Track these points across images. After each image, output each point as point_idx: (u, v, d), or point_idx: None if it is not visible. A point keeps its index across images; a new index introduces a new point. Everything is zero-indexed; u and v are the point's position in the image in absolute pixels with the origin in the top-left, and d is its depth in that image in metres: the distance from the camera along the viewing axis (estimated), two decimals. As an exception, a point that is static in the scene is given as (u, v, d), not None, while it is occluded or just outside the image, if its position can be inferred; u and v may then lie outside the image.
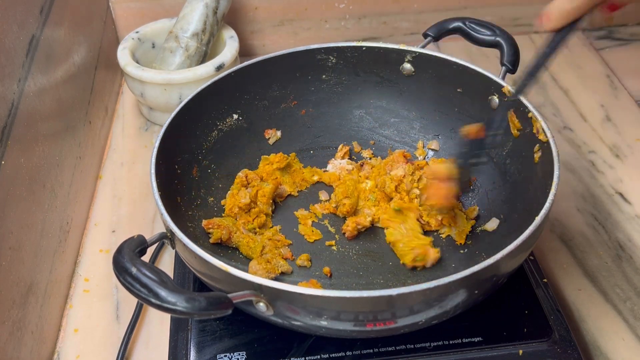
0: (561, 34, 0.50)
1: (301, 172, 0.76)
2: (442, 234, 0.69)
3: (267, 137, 0.78)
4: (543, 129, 0.62)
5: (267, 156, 0.75)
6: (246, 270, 0.62)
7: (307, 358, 0.58)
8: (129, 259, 0.48)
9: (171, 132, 0.66)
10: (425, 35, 0.75)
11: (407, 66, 0.75)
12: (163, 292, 0.46)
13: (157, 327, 0.67)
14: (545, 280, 0.65)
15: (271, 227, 0.70)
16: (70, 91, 0.78)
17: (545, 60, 0.54)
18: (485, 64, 0.98)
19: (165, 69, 0.90)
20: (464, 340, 0.59)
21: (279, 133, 0.78)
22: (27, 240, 0.62)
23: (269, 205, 0.71)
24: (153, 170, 0.60)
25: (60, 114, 0.74)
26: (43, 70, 0.70)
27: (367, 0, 1.04)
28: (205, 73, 0.86)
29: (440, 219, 0.68)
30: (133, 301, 0.68)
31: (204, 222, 0.67)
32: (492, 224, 0.68)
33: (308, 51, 0.76)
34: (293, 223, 0.71)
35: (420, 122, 0.78)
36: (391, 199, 0.71)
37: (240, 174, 0.73)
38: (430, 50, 0.73)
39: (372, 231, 0.70)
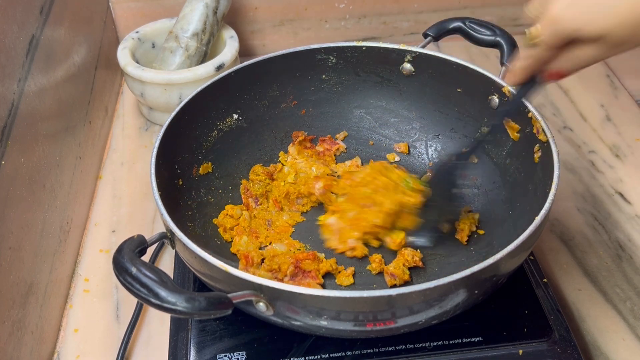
0: (525, 87, 0.57)
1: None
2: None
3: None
4: (543, 129, 0.62)
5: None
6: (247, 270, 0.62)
7: (307, 358, 0.58)
8: (129, 259, 0.48)
9: (171, 132, 0.66)
10: (425, 35, 0.75)
11: (407, 66, 0.75)
12: (163, 292, 0.46)
13: (157, 327, 0.67)
14: (545, 280, 0.65)
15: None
16: (70, 91, 0.78)
17: (513, 109, 0.63)
18: (485, 64, 0.98)
19: (165, 69, 0.90)
20: (464, 340, 0.59)
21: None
22: (27, 240, 0.62)
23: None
24: (153, 170, 0.60)
25: (60, 114, 0.74)
26: (43, 70, 0.70)
27: (367, 0, 1.04)
28: (205, 73, 0.86)
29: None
30: (133, 301, 0.68)
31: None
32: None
33: (308, 51, 0.76)
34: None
35: (420, 122, 0.78)
36: None
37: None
38: (430, 50, 0.73)
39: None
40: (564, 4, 0.45)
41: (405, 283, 0.64)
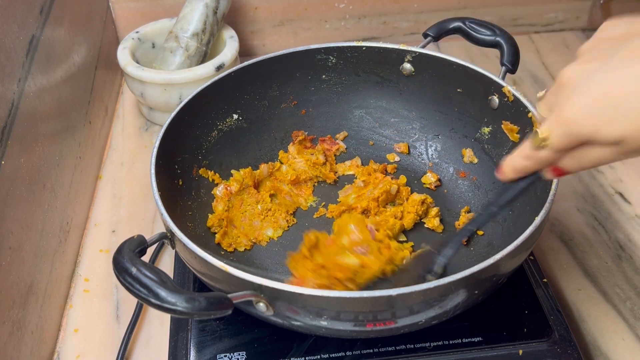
0: (521, 182, 0.51)
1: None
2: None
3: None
4: (543, 129, 0.62)
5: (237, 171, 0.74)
6: (246, 270, 0.62)
7: (307, 358, 0.58)
8: (129, 259, 0.48)
9: (171, 132, 0.66)
10: (425, 35, 0.75)
11: (407, 66, 0.75)
12: (163, 292, 0.46)
13: (157, 327, 0.67)
14: (545, 280, 0.65)
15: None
16: (70, 91, 0.78)
17: (504, 206, 0.54)
18: (485, 64, 0.98)
19: (165, 69, 0.90)
20: (464, 340, 0.59)
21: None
22: (27, 240, 0.62)
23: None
24: (153, 170, 0.60)
25: (60, 114, 0.74)
26: (43, 70, 0.70)
27: (367, 0, 1.04)
28: (205, 73, 0.86)
29: None
30: (133, 301, 0.68)
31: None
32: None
33: (308, 51, 0.76)
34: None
35: (420, 122, 0.78)
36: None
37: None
38: (430, 50, 0.73)
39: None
40: (581, 105, 0.40)
41: None
